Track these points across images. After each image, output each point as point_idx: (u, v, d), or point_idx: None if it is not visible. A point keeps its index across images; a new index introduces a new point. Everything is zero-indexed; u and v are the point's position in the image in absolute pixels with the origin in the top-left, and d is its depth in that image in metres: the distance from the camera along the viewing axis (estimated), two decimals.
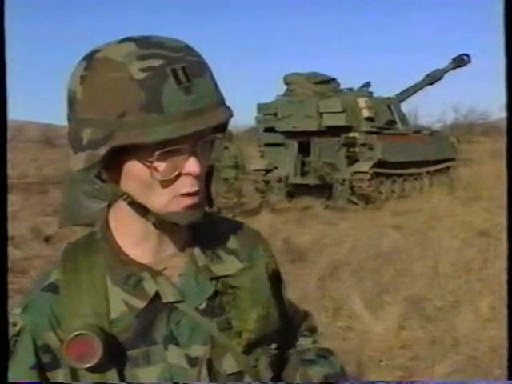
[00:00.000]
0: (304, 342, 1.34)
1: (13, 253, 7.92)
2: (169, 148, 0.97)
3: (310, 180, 15.18)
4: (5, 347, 1.04)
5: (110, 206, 1.14)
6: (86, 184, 1.11)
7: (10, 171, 1.09)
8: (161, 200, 1.02)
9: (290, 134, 15.35)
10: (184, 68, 0.97)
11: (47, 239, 9.85)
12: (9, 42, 1.13)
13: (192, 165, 1.00)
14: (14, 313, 1.07)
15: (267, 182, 15.59)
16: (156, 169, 0.99)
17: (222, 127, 1.09)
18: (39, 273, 1.17)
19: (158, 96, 0.95)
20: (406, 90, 17.91)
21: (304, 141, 15.25)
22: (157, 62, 0.96)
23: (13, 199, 12.97)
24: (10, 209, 1.18)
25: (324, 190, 14.86)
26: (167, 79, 0.95)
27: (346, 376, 1.19)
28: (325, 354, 1.27)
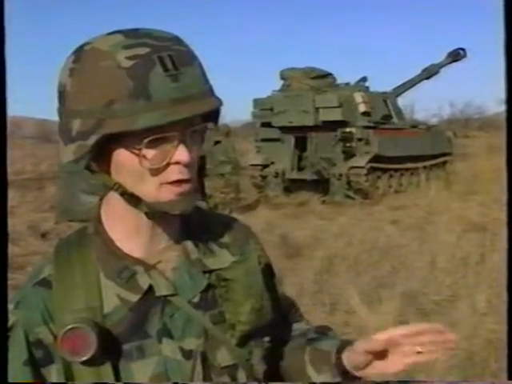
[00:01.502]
0: (300, 325, 1.36)
1: (10, 249, 7.89)
2: (157, 135, 0.97)
3: (307, 175, 15.19)
4: (5, 347, 1.04)
5: (101, 199, 1.14)
6: (81, 179, 1.11)
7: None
8: (151, 188, 1.02)
9: (287, 129, 15.34)
10: (171, 56, 0.98)
11: (44, 235, 9.85)
12: (8, 38, 1.13)
13: (181, 153, 1.00)
14: None
15: (264, 178, 15.60)
16: (145, 157, 0.99)
17: (213, 117, 1.10)
18: (33, 268, 1.17)
19: (145, 83, 0.95)
20: (402, 85, 17.90)
21: (300, 136, 15.25)
22: (143, 50, 0.97)
23: (10, 195, 12.75)
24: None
25: (321, 185, 14.87)
26: (154, 66, 0.96)
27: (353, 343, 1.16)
28: (324, 331, 1.29)
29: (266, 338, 1.18)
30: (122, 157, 1.01)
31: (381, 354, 1.09)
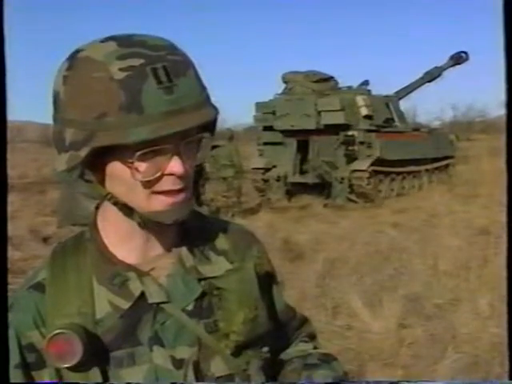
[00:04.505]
0: (305, 347, 1.33)
1: (11, 253, 7.91)
2: (150, 149, 0.96)
3: (309, 178, 15.19)
4: (5, 347, 1.04)
5: (98, 205, 1.13)
6: (82, 183, 1.10)
7: (9, 171, 1.08)
8: (143, 200, 1.01)
9: (289, 133, 15.34)
10: (165, 67, 0.96)
11: (46, 239, 9.84)
12: (8, 43, 1.12)
13: (175, 165, 0.99)
14: None
15: (266, 181, 15.60)
16: (137, 169, 0.98)
17: (209, 127, 1.08)
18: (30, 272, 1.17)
19: (137, 96, 0.94)
20: (404, 88, 17.93)
21: (303, 139, 15.25)
22: (137, 62, 0.95)
23: (12, 199, 12.94)
24: (8, 209, 1.17)
25: (323, 188, 14.87)
26: (147, 79, 0.94)
27: (348, 380, 1.18)
28: (327, 359, 1.26)
29: (265, 349, 1.16)
30: (115, 168, 1.00)
31: None
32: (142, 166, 0.98)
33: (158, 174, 0.99)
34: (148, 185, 1.00)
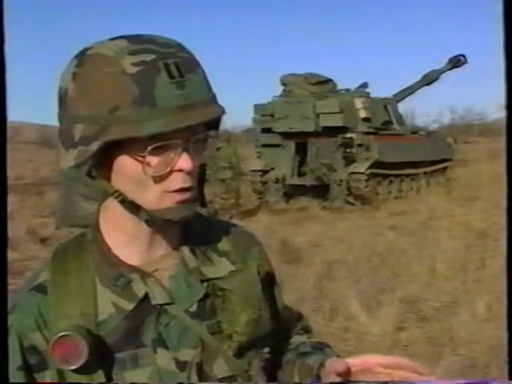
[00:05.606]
0: (299, 338, 1.33)
1: (9, 254, 7.89)
2: (161, 143, 0.97)
3: (307, 181, 15.19)
4: (5, 347, 1.03)
5: (100, 205, 1.13)
6: (81, 184, 1.10)
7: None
8: (152, 196, 1.01)
9: (287, 135, 15.35)
10: (176, 63, 0.97)
11: (44, 240, 9.83)
12: (7, 43, 1.12)
13: (184, 161, 1.00)
14: None
15: (264, 183, 15.60)
16: (148, 164, 0.98)
17: (215, 125, 1.09)
18: (29, 273, 1.17)
19: (150, 90, 0.95)
20: (402, 91, 17.94)
21: (301, 141, 15.26)
22: (149, 57, 0.96)
23: (9, 200, 12.83)
24: None
25: (321, 190, 14.86)
26: (160, 73, 0.95)
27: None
28: (320, 346, 1.26)
29: (266, 349, 1.16)
30: (125, 164, 1.00)
31: (353, 376, 1.04)
32: (154, 160, 0.98)
33: (168, 170, 1.00)
34: (158, 180, 1.00)
